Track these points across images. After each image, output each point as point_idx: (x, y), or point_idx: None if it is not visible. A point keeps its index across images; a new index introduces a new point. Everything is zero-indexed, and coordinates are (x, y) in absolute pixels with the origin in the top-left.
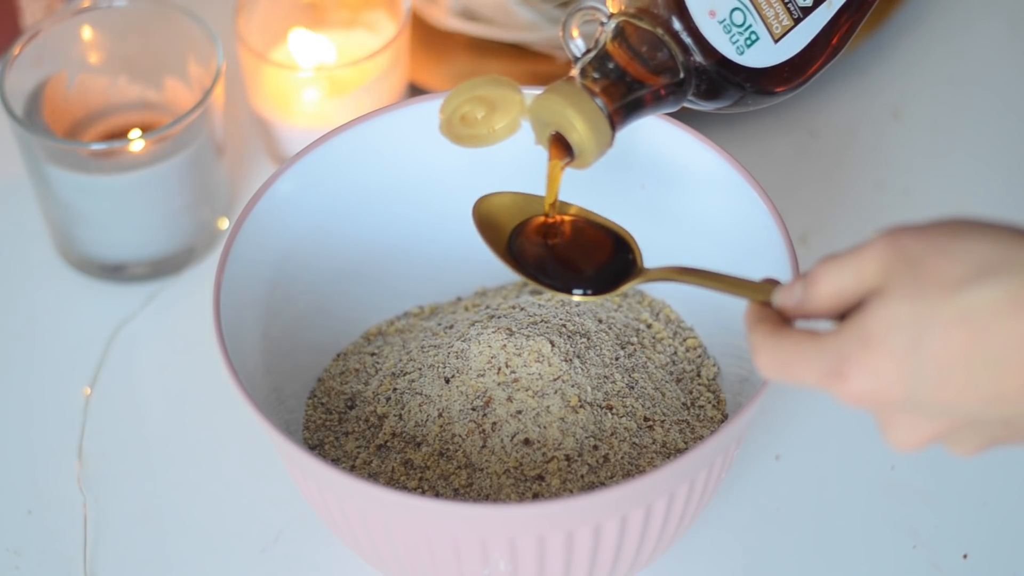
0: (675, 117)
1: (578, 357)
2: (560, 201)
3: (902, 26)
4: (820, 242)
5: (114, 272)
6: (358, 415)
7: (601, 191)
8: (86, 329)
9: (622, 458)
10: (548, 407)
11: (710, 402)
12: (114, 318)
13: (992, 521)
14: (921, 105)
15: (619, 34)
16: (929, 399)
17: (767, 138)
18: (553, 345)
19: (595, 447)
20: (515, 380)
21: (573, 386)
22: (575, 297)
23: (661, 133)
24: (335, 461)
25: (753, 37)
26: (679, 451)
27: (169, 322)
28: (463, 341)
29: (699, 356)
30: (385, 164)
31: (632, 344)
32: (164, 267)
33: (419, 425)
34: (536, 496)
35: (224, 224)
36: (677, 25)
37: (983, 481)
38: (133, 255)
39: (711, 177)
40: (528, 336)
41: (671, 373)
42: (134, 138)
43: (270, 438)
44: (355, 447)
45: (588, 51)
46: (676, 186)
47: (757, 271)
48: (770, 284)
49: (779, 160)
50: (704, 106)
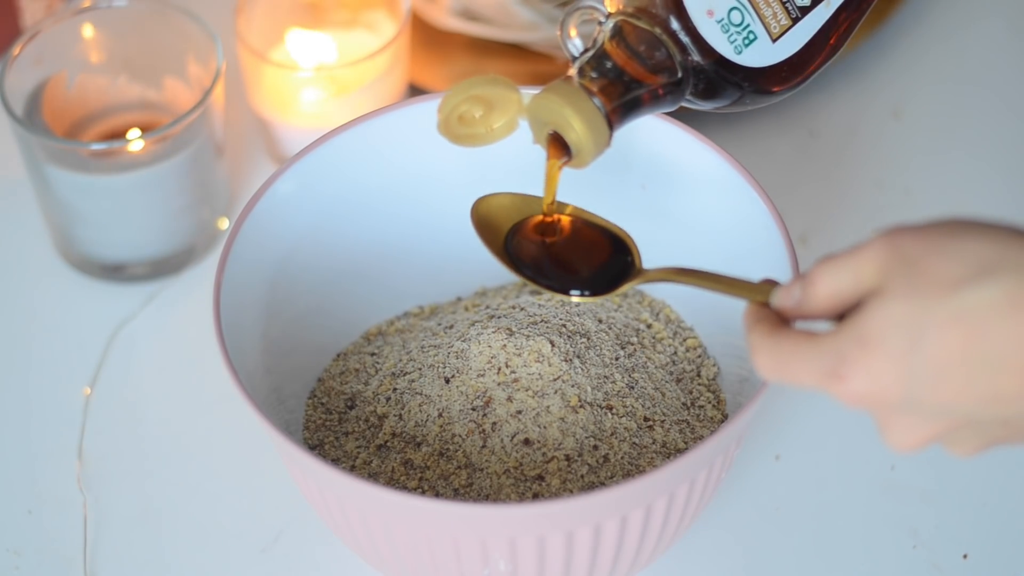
0: (675, 117)
1: (578, 357)
2: (559, 202)
3: (902, 26)
4: (820, 242)
5: (114, 272)
6: (358, 415)
7: (601, 191)
8: (86, 329)
9: (622, 458)
10: (548, 407)
11: (710, 402)
12: (114, 318)
13: (992, 521)
14: (921, 104)
15: (617, 33)
16: (927, 399)
17: (767, 138)
18: (553, 345)
19: (595, 447)
20: (515, 380)
21: (573, 386)
22: (573, 298)
23: (661, 133)
24: (335, 461)
25: (751, 36)
26: (679, 451)
27: (169, 322)
28: (463, 341)
29: (699, 356)
30: (385, 164)
31: (632, 344)
32: (164, 267)
33: (419, 425)
34: (536, 496)
35: (224, 224)
36: (675, 24)
37: (983, 481)
38: (133, 255)
39: (711, 177)
40: (528, 336)
41: (671, 373)
42: (134, 138)
43: (270, 438)
44: (355, 447)
45: (586, 50)
46: (676, 186)
47: (757, 271)
48: (769, 285)
49: (779, 160)
50: (702, 105)
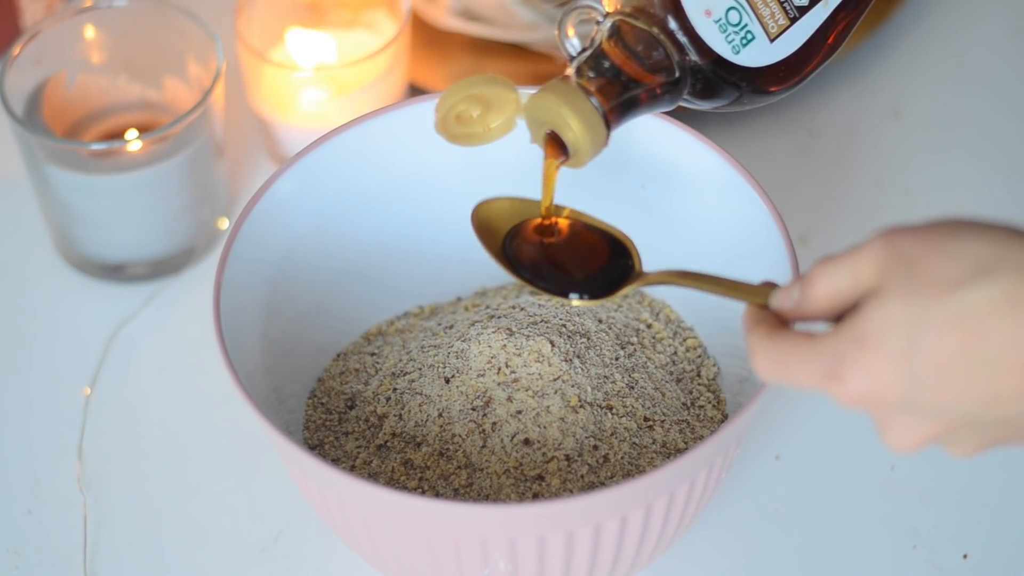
0: (674, 117)
1: (578, 357)
2: (558, 205)
3: (902, 25)
4: (820, 242)
5: (114, 272)
6: (358, 415)
7: (601, 191)
8: (86, 329)
9: (622, 458)
10: (548, 407)
11: (710, 402)
12: (114, 318)
13: (992, 521)
14: (921, 104)
15: (615, 33)
16: (926, 399)
17: (767, 138)
18: (553, 345)
19: (595, 447)
20: (515, 380)
21: (573, 386)
22: (573, 302)
23: (661, 133)
24: (335, 461)
25: (749, 36)
26: (679, 451)
27: (169, 322)
28: (463, 341)
29: (699, 356)
30: (385, 164)
31: (632, 344)
32: (164, 267)
33: (419, 425)
34: (536, 496)
35: (224, 224)
36: (673, 24)
37: (983, 481)
38: (133, 255)
39: (711, 177)
40: (528, 336)
41: (671, 373)
42: (133, 138)
43: (270, 438)
44: (355, 447)
45: (584, 50)
46: (676, 186)
47: (757, 271)
48: (768, 287)
49: (779, 160)
50: (701, 105)
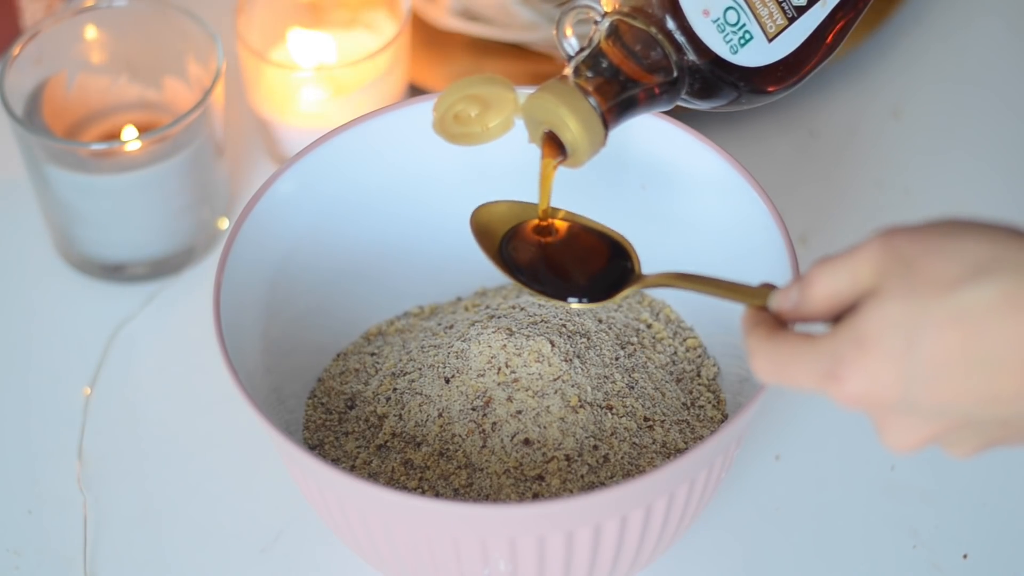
0: (674, 117)
1: (578, 357)
2: (555, 208)
3: (902, 25)
4: (820, 242)
5: (114, 272)
6: (358, 415)
7: (601, 192)
8: (86, 329)
9: (622, 458)
10: (548, 407)
11: (710, 402)
12: (114, 318)
13: (992, 521)
14: (921, 104)
15: (613, 33)
16: (924, 400)
17: (767, 138)
18: (553, 345)
19: (595, 447)
20: (515, 380)
21: (573, 386)
22: (572, 305)
23: (661, 133)
24: (335, 461)
25: (747, 36)
26: (679, 451)
27: (169, 322)
28: (463, 341)
29: (699, 356)
30: (385, 164)
31: (632, 344)
32: (164, 267)
33: (419, 425)
34: (536, 496)
35: (224, 224)
36: (671, 24)
37: (983, 481)
38: (133, 255)
39: (711, 177)
40: (528, 336)
41: (671, 373)
42: (132, 138)
43: (270, 438)
44: (355, 447)
45: (582, 50)
46: (676, 186)
47: (757, 271)
48: (767, 288)
49: (779, 160)
50: (699, 105)
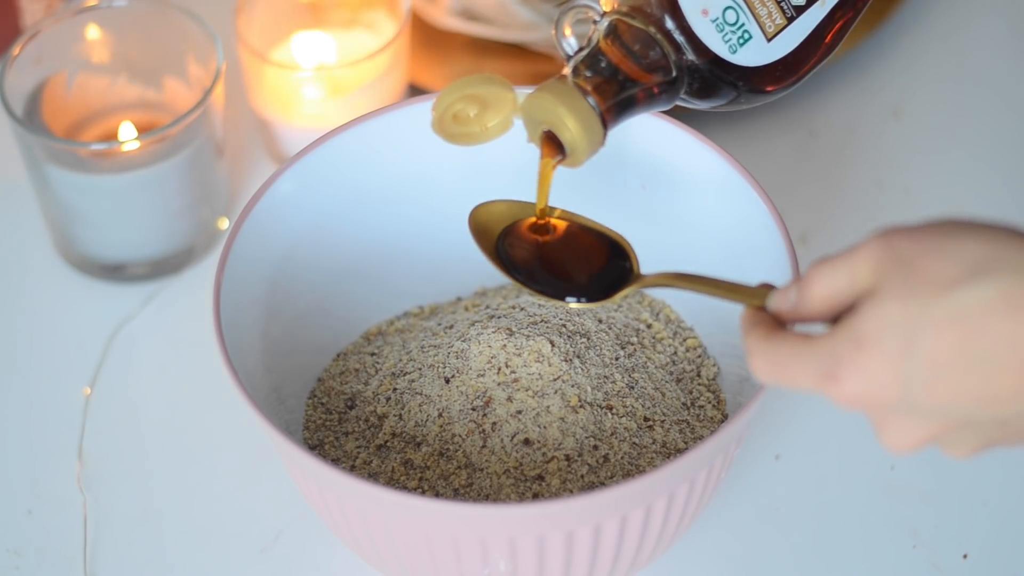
0: (674, 117)
1: (578, 357)
2: (554, 207)
3: (902, 25)
4: (820, 242)
5: (114, 272)
6: (358, 415)
7: (600, 191)
8: (86, 329)
9: (622, 458)
10: (548, 407)
11: (710, 402)
12: (114, 318)
13: (992, 521)
14: (921, 104)
15: (612, 32)
16: (923, 400)
17: (767, 138)
18: (553, 345)
19: (595, 447)
20: (515, 380)
21: (573, 386)
22: (570, 305)
23: (660, 133)
24: (335, 461)
25: (746, 36)
26: (679, 451)
27: (169, 322)
28: (463, 341)
29: (699, 356)
30: (385, 164)
31: (632, 344)
32: (164, 267)
33: (419, 425)
34: (536, 496)
35: (224, 224)
36: (670, 24)
37: (983, 481)
38: (133, 255)
39: (711, 177)
40: (528, 336)
41: (671, 373)
42: (130, 138)
43: (270, 438)
44: (355, 447)
45: (580, 49)
46: (676, 186)
47: (757, 271)
48: (765, 289)
49: (779, 160)
50: (699, 104)
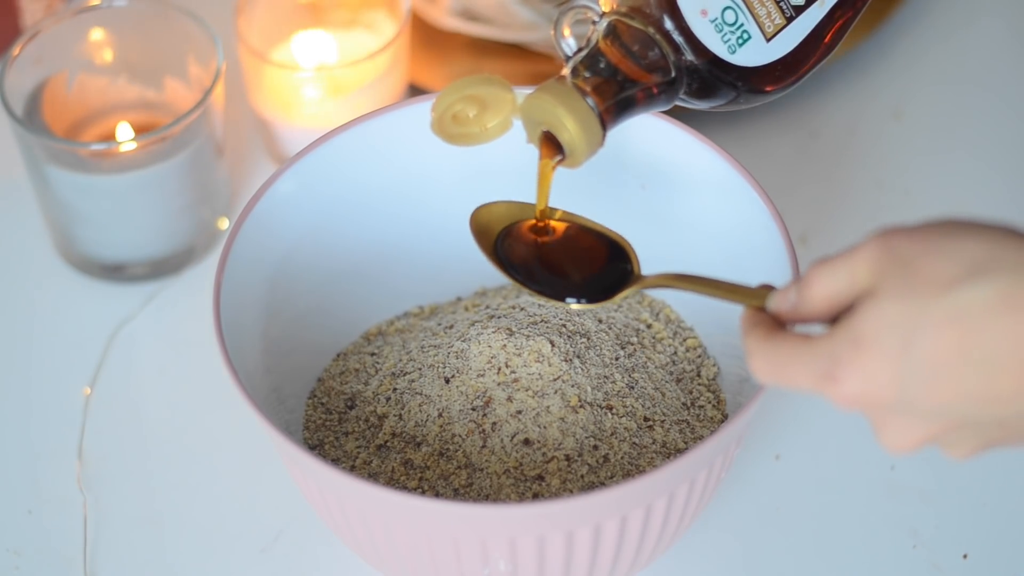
0: (674, 117)
1: (578, 357)
2: (554, 208)
3: (902, 25)
4: (820, 242)
5: (114, 272)
6: (358, 415)
7: (601, 192)
8: (86, 329)
9: (622, 458)
10: (548, 407)
11: (710, 402)
12: (114, 318)
13: (992, 521)
14: (921, 105)
15: (611, 33)
16: (921, 400)
17: (767, 138)
18: (553, 345)
19: (595, 447)
20: (515, 380)
21: (573, 386)
22: (571, 306)
23: (660, 133)
24: (335, 461)
25: (745, 36)
26: (679, 451)
27: (169, 322)
28: (463, 341)
29: (699, 356)
30: (385, 164)
31: (632, 344)
32: (164, 267)
33: (419, 425)
34: (536, 496)
35: (224, 224)
36: (669, 24)
37: (983, 481)
38: (133, 255)
39: (711, 177)
40: (528, 336)
41: (671, 373)
42: (130, 138)
43: (270, 438)
44: (355, 447)
45: (579, 50)
46: (676, 187)
47: (757, 271)
48: (765, 289)
49: (779, 160)
50: (698, 105)
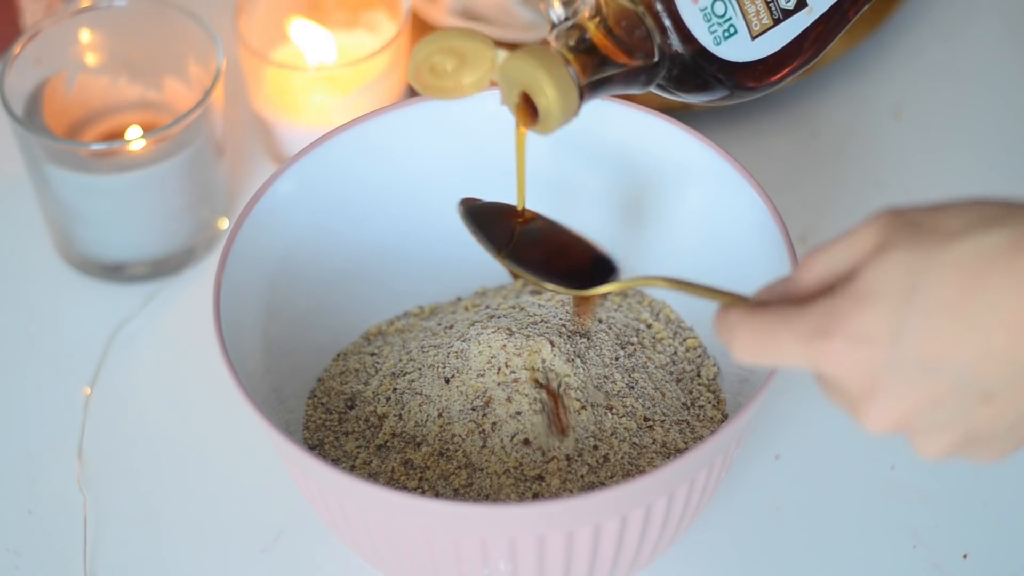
0: (674, 116)
1: (578, 357)
2: (535, 213)
3: (902, 25)
4: (820, 241)
5: (114, 272)
6: (358, 415)
7: (600, 191)
8: (86, 329)
9: (622, 458)
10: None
11: (710, 402)
12: (114, 318)
13: (992, 521)
14: (921, 104)
15: (599, 9)
16: (914, 352)
17: (767, 138)
18: (553, 345)
19: (595, 447)
20: (515, 380)
21: (573, 386)
22: (547, 286)
23: (661, 133)
24: (335, 461)
25: (731, 30)
26: (679, 451)
27: (169, 322)
28: (463, 341)
29: (699, 356)
30: (385, 164)
31: (632, 344)
32: (164, 267)
33: (419, 425)
34: (536, 496)
35: (224, 224)
36: (659, 6)
37: (983, 481)
38: (133, 255)
39: (710, 177)
40: (528, 336)
41: (671, 373)
42: (134, 138)
43: (270, 438)
44: (355, 447)
45: (566, 19)
46: (676, 185)
47: (757, 271)
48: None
49: (779, 159)
50: (686, 98)
